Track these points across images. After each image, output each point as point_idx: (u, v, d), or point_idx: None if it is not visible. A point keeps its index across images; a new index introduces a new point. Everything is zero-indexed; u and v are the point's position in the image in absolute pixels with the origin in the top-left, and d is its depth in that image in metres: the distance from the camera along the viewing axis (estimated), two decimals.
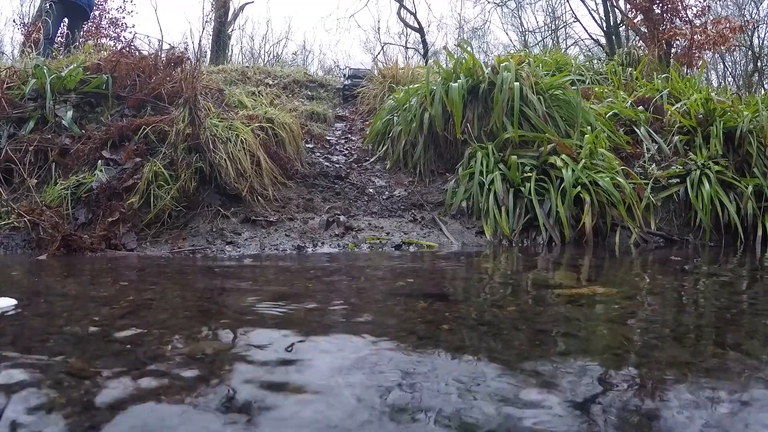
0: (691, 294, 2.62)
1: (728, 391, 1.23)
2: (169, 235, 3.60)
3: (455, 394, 1.14)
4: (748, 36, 13.90)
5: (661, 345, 1.63)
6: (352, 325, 1.73)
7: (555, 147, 4.25)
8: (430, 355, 1.40)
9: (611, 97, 5.55)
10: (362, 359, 1.38)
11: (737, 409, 1.15)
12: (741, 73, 15.33)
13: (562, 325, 1.83)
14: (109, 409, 1.14)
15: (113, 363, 1.37)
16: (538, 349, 1.50)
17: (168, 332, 1.66)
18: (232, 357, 1.41)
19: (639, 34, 9.99)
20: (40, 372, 1.31)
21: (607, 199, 4.01)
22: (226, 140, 3.91)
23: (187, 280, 2.69)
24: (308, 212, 4.07)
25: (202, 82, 4.60)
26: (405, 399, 1.12)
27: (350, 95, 6.92)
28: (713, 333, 1.84)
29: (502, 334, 1.66)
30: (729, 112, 4.94)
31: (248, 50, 15.97)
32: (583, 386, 1.20)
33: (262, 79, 6.96)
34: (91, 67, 4.76)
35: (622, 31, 12.65)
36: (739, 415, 1.13)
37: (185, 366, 1.36)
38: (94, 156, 3.99)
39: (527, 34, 16.62)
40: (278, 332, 1.64)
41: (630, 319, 2.05)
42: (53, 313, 1.95)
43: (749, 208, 4.29)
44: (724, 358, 1.50)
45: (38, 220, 3.44)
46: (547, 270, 3.08)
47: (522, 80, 4.54)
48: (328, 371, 1.27)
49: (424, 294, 2.39)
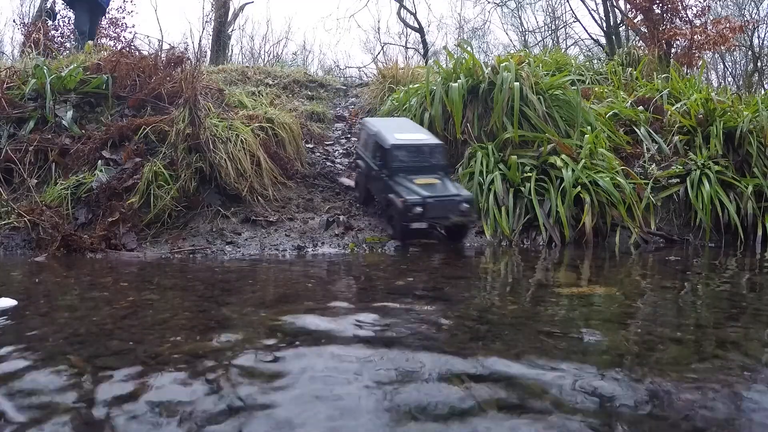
0: (691, 294, 2.62)
1: (728, 392, 1.23)
2: (169, 235, 3.60)
3: (455, 400, 1.14)
4: (748, 36, 13.91)
5: (660, 346, 1.63)
6: (348, 321, 1.73)
7: (555, 147, 4.25)
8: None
9: (611, 97, 5.54)
10: (353, 355, 1.38)
11: (737, 409, 1.15)
12: (741, 73, 15.35)
13: (563, 324, 1.83)
14: (110, 407, 1.14)
15: (113, 362, 1.37)
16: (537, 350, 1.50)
17: (169, 332, 1.66)
18: (232, 356, 1.41)
19: (639, 34, 9.99)
20: (40, 371, 1.31)
21: (607, 199, 4.02)
22: (226, 140, 3.92)
23: (187, 279, 2.69)
24: (308, 212, 4.08)
25: (202, 82, 4.60)
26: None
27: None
28: (713, 333, 1.84)
29: (503, 335, 1.66)
30: (729, 112, 4.94)
31: (248, 50, 16.01)
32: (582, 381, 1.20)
33: (262, 79, 6.96)
34: (91, 67, 4.76)
35: (622, 31, 12.66)
36: (738, 414, 1.13)
37: (185, 365, 1.36)
38: (94, 156, 3.99)
39: (527, 34, 16.65)
40: (277, 332, 1.64)
41: (630, 318, 2.05)
42: (53, 313, 1.95)
43: (749, 208, 4.29)
44: (724, 359, 1.50)
45: (38, 220, 3.45)
46: (547, 270, 3.08)
47: (522, 80, 4.54)
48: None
49: (425, 294, 2.39)
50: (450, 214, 3.55)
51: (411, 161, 3.74)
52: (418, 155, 3.80)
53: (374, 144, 3.93)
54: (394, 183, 3.61)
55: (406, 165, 3.70)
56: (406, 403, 1.11)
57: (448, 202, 3.54)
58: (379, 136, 3.87)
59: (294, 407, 1.10)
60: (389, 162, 3.68)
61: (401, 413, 1.07)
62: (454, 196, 3.56)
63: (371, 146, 3.99)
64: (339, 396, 1.14)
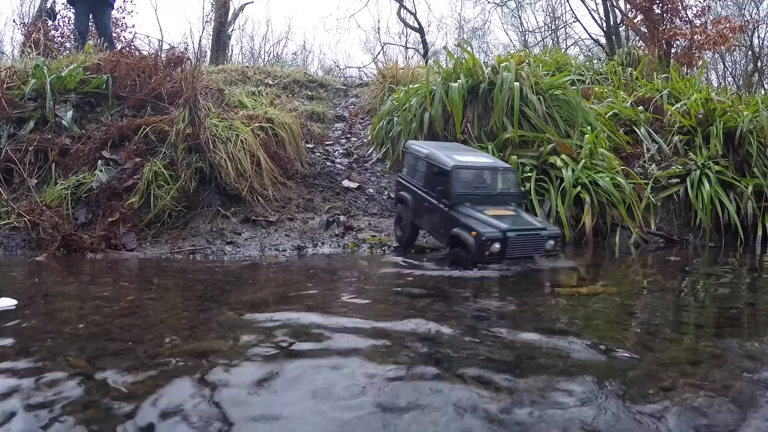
0: (691, 294, 2.62)
1: (728, 392, 1.23)
2: (169, 235, 3.60)
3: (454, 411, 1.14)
4: (748, 36, 13.91)
5: (660, 345, 1.63)
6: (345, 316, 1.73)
7: (555, 147, 4.25)
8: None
9: (611, 97, 5.54)
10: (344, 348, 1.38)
11: (737, 409, 1.15)
12: (741, 73, 15.35)
13: (562, 324, 1.83)
14: (110, 407, 1.14)
15: (113, 362, 1.37)
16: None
17: (169, 332, 1.66)
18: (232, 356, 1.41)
19: (639, 34, 9.99)
20: (40, 371, 1.31)
21: (607, 199, 4.02)
22: (226, 140, 3.92)
23: (186, 280, 2.69)
24: (308, 212, 4.08)
25: (202, 82, 4.60)
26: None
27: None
28: (713, 333, 1.84)
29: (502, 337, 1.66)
30: (729, 112, 4.94)
31: (248, 50, 16.00)
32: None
33: (262, 79, 6.96)
34: (91, 67, 4.76)
35: (622, 31, 12.66)
36: (737, 415, 1.13)
37: (185, 365, 1.36)
38: (94, 156, 3.99)
39: (527, 34, 16.64)
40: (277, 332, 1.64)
41: (629, 318, 2.05)
42: (53, 313, 1.95)
43: (749, 208, 4.29)
44: (723, 359, 1.50)
45: (38, 220, 3.45)
46: (547, 269, 3.07)
47: (522, 80, 4.54)
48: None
49: (424, 294, 2.39)
50: (534, 252, 2.93)
51: (478, 188, 3.11)
52: (486, 181, 3.18)
53: (427, 168, 3.28)
54: (460, 214, 2.97)
55: (472, 193, 3.07)
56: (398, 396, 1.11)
57: (532, 238, 2.90)
58: (433, 158, 3.25)
59: (294, 407, 1.10)
60: (451, 187, 3.02)
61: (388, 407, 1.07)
62: (539, 230, 2.93)
63: (422, 172, 3.35)
64: (338, 396, 1.14)
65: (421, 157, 3.35)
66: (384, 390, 1.19)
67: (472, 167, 3.14)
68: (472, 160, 3.23)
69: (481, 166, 3.19)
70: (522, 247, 2.86)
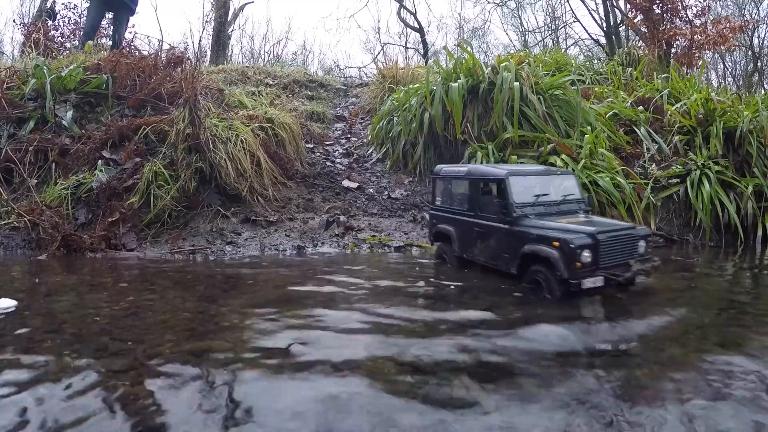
0: (691, 293, 2.62)
1: (728, 393, 1.23)
2: (169, 235, 3.60)
3: None
4: (748, 36, 13.90)
5: (660, 345, 1.63)
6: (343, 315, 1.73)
7: (555, 147, 4.24)
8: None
9: (611, 97, 5.53)
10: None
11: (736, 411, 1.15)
12: (741, 73, 15.33)
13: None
14: (110, 407, 1.14)
15: (113, 362, 1.37)
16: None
17: (169, 332, 1.66)
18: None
19: (639, 34, 9.98)
20: (39, 371, 1.31)
21: (607, 199, 4.01)
22: (226, 140, 3.92)
23: (186, 280, 2.69)
24: (308, 212, 4.08)
25: (202, 82, 4.59)
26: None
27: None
28: (713, 332, 1.84)
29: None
30: (729, 112, 4.93)
31: (248, 50, 15.96)
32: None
33: (262, 79, 6.95)
34: (91, 67, 4.75)
35: (622, 31, 12.64)
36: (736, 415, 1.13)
37: (184, 365, 1.36)
38: (94, 156, 3.99)
39: (527, 34, 16.61)
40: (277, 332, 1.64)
41: (628, 317, 2.05)
42: (53, 314, 1.95)
43: (749, 208, 4.28)
44: (722, 360, 1.50)
45: (38, 220, 3.45)
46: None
47: (522, 80, 4.53)
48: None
49: (424, 294, 2.39)
50: (629, 257, 2.43)
51: (539, 197, 2.65)
52: (547, 188, 2.72)
53: (470, 188, 2.86)
54: (528, 228, 2.51)
55: (534, 202, 2.62)
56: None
57: (625, 239, 2.42)
58: (478, 173, 2.85)
59: (293, 407, 1.10)
60: (510, 198, 2.57)
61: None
62: (629, 228, 2.48)
63: (463, 194, 2.93)
64: (337, 396, 1.14)
65: (461, 176, 2.94)
66: (385, 391, 1.19)
67: (528, 173, 2.74)
68: (525, 168, 2.87)
69: (537, 171, 2.82)
70: (615, 253, 2.37)
